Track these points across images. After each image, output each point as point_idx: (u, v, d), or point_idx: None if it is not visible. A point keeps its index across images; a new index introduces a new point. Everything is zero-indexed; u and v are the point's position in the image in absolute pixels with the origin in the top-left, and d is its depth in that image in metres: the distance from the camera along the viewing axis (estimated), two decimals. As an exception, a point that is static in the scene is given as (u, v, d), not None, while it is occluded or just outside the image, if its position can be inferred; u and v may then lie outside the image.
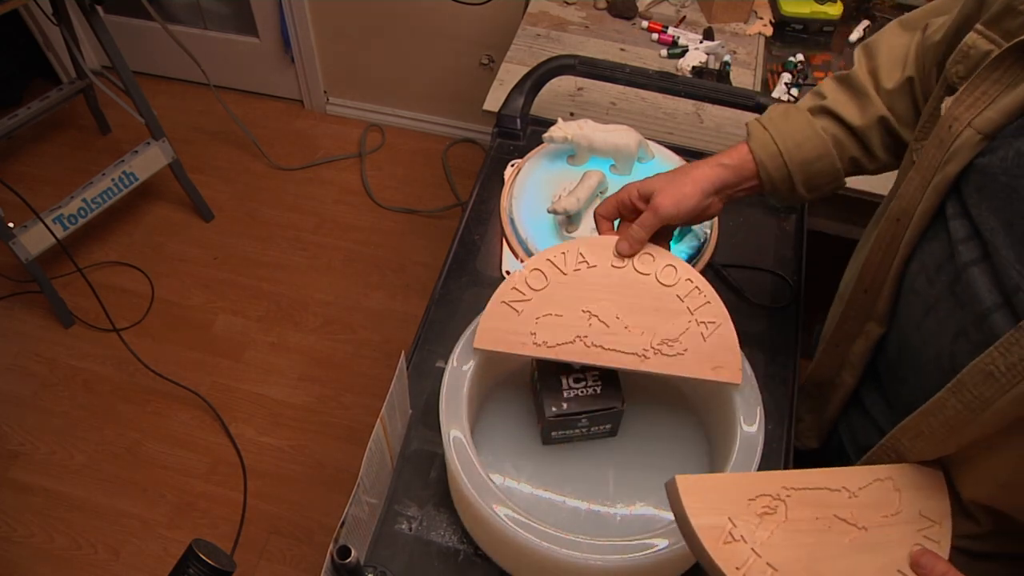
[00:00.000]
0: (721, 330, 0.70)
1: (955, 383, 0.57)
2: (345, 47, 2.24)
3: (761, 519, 0.58)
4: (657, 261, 0.73)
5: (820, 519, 0.59)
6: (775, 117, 0.78)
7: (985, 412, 0.55)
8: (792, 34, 1.41)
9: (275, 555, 1.61)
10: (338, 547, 0.55)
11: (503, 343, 0.69)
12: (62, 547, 1.61)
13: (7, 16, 1.61)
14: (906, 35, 0.75)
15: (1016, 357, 0.53)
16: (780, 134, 0.76)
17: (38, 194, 1.87)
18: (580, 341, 0.69)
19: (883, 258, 0.70)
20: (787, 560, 0.56)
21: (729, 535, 0.56)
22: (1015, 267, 0.54)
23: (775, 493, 0.59)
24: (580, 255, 0.73)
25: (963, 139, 0.59)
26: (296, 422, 1.80)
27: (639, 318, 0.70)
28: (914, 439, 0.62)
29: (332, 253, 2.11)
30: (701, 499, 0.57)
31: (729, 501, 0.58)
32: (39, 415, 1.79)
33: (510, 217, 0.96)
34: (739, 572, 0.55)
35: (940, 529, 0.60)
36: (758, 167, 0.76)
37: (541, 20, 1.43)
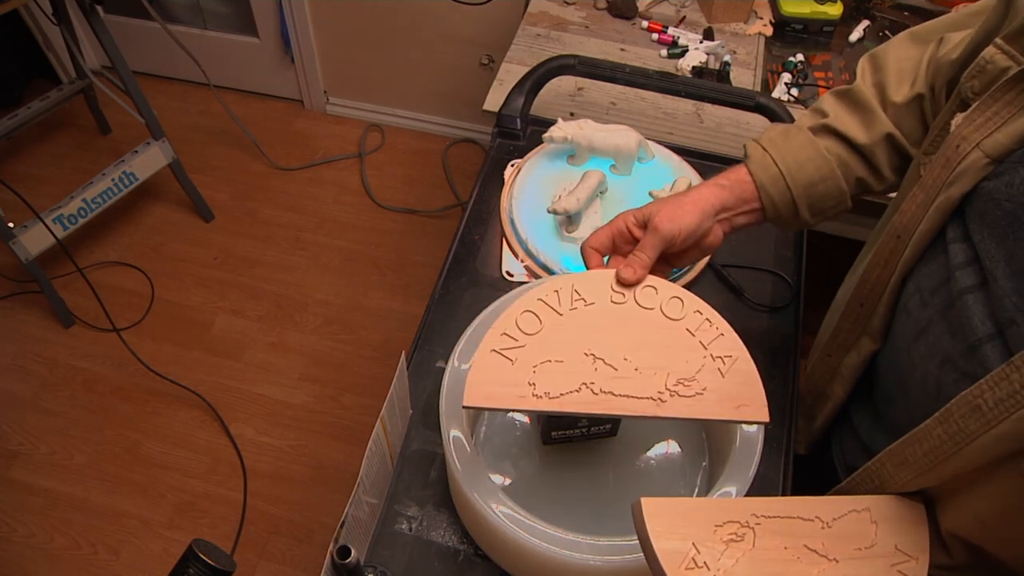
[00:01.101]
0: (739, 364, 0.64)
1: (942, 413, 0.55)
2: (345, 47, 2.24)
3: (727, 546, 0.56)
4: (661, 293, 0.66)
5: (789, 548, 0.57)
6: (774, 137, 0.74)
7: (969, 446, 0.53)
8: (792, 34, 1.40)
9: (275, 555, 1.61)
10: (338, 547, 0.55)
11: (498, 398, 0.61)
12: (62, 547, 1.61)
13: (7, 16, 1.61)
14: (917, 48, 0.72)
15: (1004, 392, 0.50)
16: (780, 155, 0.72)
17: (38, 194, 1.87)
18: (587, 388, 0.62)
19: (880, 273, 0.69)
20: None
21: (692, 561, 0.54)
22: (1011, 298, 0.52)
23: (744, 520, 0.57)
24: (575, 292, 0.65)
25: (970, 161, 0.57)
26: (296, 422, 1.80)
27: (649, 357, 0.63)
28: (898, 466, 0.60)
29: (332, 253, 2.11)
30: (666, 522, 0.55)
31: (695, 526, 0.56)
32: (39, 415, 1.79)
33: (510, 217, 0.96)
34: None
35: (916, 565, 0.57)
36: (759, 191, 0.72)
37: (541, 20, 1.43)
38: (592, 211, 0.95)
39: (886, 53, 0.74)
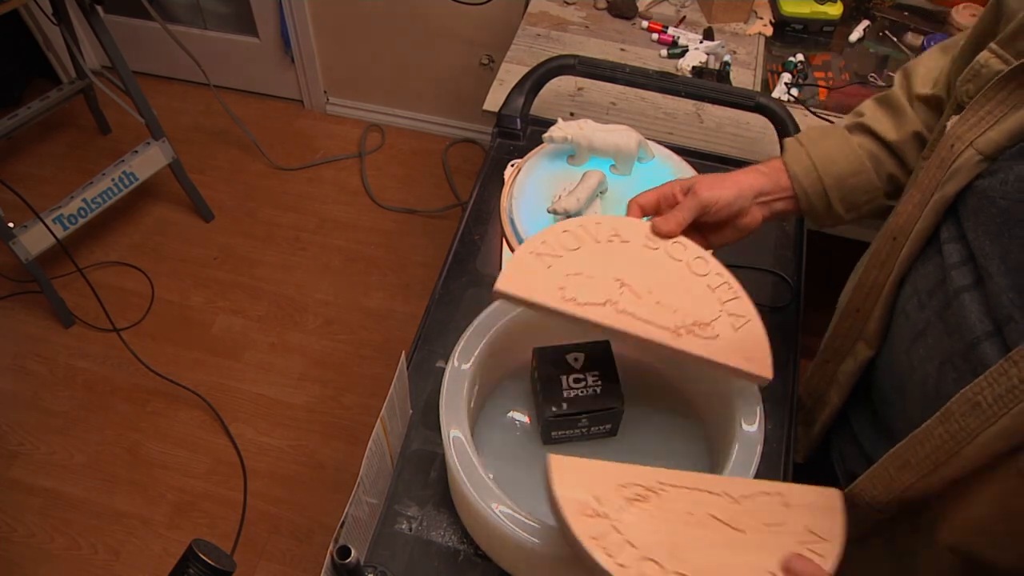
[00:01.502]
0: (751, 326, 0.68)
1: (943, 412, 0.55)
2: (345, 47, 2.24)
3: (629, 503, 0.57)
4: (689, 251, 0.72)
5: (693, 515, 0.58)
6: (812, 134, 0.78)
7: (969, 445, 0.53)
8: (792, 34, 1.40)
9: (275, 555, 1.61)
10: (338, 547, 0.55)
11: (528, 291, 0.65)
12: (62, 547, 1.61)
13: (7, 16, 1.61)
14: (944, 57, 0.75)
15: (1003, 388, 0.51)
16: (815, 149, 0.76)
17: (38, 194, 1.87)
18: (611, 305, 0.66)
19: (877, 276, 0.69)
20: (649, 543, 0.55)
21: (592, 510, 0.56)
22: (1007, 295, 0.53)
23: (649, 485, 0.59)
24: (614, 230, 0.71)
25: (963, 159, 0.58)
26: (296, 422, 1.80)
27: (671, 297, 0.68)
28: (900, 469, 0.60)
29: (332, 253, 2.11)
30: (571, 477, 0.57)
31: (599, 483, 0.58)
32: (39, 415, 1.79)
33: (510, 217, 0.96)
34: (595, 542, 0.54)
35: (828, 547, 0.57)
36: (792, 181, 0.76)
37: (541, 20, 1.43)
38: (592, 211, 0.94)
39: (918, 61, 0.78)
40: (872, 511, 0.65)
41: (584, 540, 0.55)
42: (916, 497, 0.61)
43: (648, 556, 0.55)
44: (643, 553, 0.55)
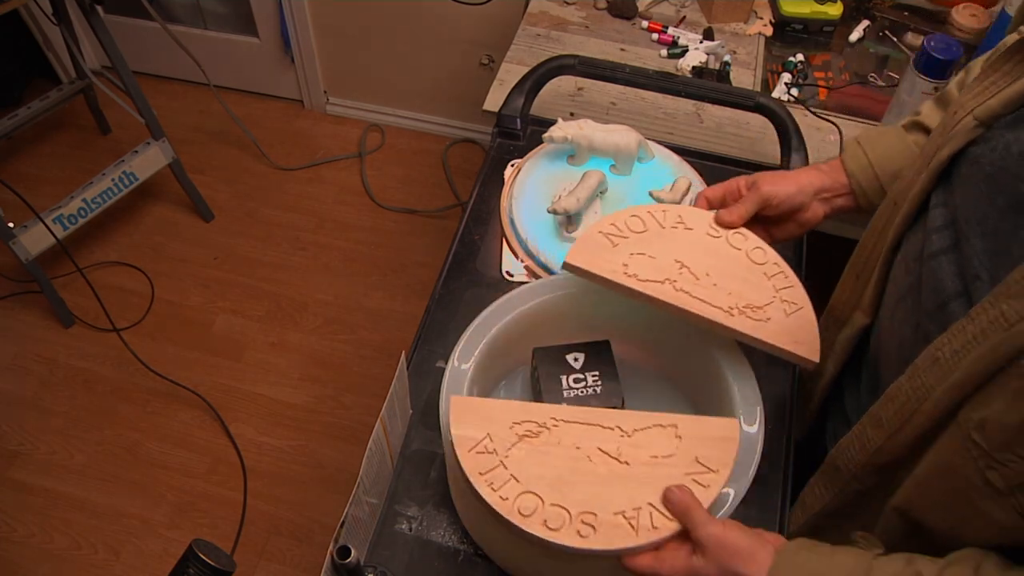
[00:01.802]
0: (803, 312, 0.72)
1: (910, 368, 0.58)
2: (345, 47, 2.24)
3: (520, 440, 0.61)
4: (749, 241, 0.76)
5: (582, 449, 0.61)
6: (871, 134, 0.81)
7: (928, 400, 0.56)
8: (792, 34, 1.40)
9: (275, 555, 1.61)
10: (338, 547, 0.55)
11: (594, 265, 0.71)
12: (62, 547, 1.61)
13: (7, 16, 1.61)
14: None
15: (960, 343, 0.53)
16: (872, 148, 0.79)
17: (38, 194, 1.87)
18: (670, 284, 0.71)
19: (877, 242, 0.71)
20: (532, 476, 0.59)
21: (483, 447, 0.61)
22: (979, 257, 0.55)
23: (542, 421, 0.62)
24: (679, 217, 0.76)
25: (961, 125, 0.60)
26: (296, 422, 1.80)
27: (727, 281, 0.72)
28: (875, 428, 0.63)
29: (332, 253, 2.11)
30: (467, 415, 0.62)
31: (494, 422, 0.62)
32: (39, 415, 1.79)
33: (510, 217, 0.96)
34: (482, 478, 0.59)
35: (714, 476, 0.60)
36: (849, 179, 0.79)
37: (541, 20, 1.43)
38: (592, 211, 0.95)
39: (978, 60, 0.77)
40: (851, 478, 0.67)
41: (471, 475, 0.59)
42: (886, 462, 0.63)
43: (529, 489, 0.59)
44: (525, 487, 0.59)
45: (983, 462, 0.52)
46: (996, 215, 0.54)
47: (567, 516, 0.58)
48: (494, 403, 0.64)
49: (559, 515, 0.58)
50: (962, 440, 0.54)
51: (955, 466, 0.55)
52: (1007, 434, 0.50)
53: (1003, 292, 0.51)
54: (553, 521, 0.58)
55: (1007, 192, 0.54)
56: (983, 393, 0.52)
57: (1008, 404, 0.50)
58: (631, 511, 0.58)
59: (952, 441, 0.55)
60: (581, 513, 0.58)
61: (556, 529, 0.58)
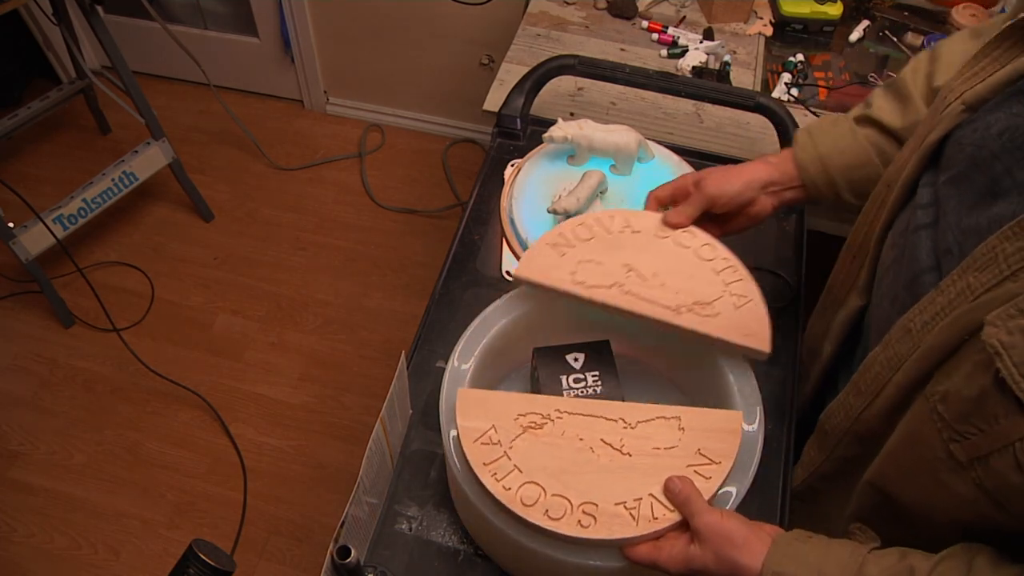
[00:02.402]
0: (753, 305, 0.72)
1: (885, 338, 0.60)
2: (345, 47, 2.24)
3: (524, 431, 0.62)
4: (697, 239, 0.76)
5: (585, 440, 0.62)
6: (823, 124, 0.81)
7: (899, 370, 0.57)
8: (792, 34, 1.40)
9: (275, 555, 1.61)
10: (338, 547, 0.55)
11: (543, 276, 0.72)
12: (62, 547, 1.61)
13: (7, 16, 1.61)
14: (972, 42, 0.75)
15: (929, 315, 0.55)
16: (823, 140, 0.79)
17: (38, 194, 1.87)
18: (618, 287, 0.72)
19: (871, 223, 0.72)
20: (535, 467, 0.61)
21: (487, 438, 0.62)
22: (953, 232, 0.56)
23: (546, 413, 0.64)
24: (626, 221, 0.77)
25: (950, 110, 0.61)
26: (296, 422, 1.80)
27: (676, 280, 0.73)
28: (856, 396, 0.64)
29: (332, 253, 2.11)
30: (473, 407, 0.63)
31: (498, 413, 0.63)
32: (39, 415, 1.79)
33: (510, 217, 0.96)
34: (486, 468, 0.60)
35: (716, 468, 0.61)
36: (800, 171, 0.79)
37: (541, 20, 1.43)
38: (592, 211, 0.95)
39: (944, 44, 0.78)
40: (837, 443, 0.69)
41: (476, 465, 0.60)
42: (864, 431, 0.65)
43: (532, 480, 0.60)
44: (527, 477, 0.60)
45: (946, 434, 0.53)
46: (973, 192, 0.56)
47: (568, 506, 0.59)
48: (499, 395, 0.65)
49: (560, 505, 0.59)
50: (928, 412, 0.55)
51: (922, 438, 0.56)
52: (967, 406, 0.51)
53: (970, 265, 0.52)
54: (554, 511, 0.59)
55: (984, 169, 0.55)
56: (947, 365, 0.54)
57: (968, 376, 0.51)
58: (632, 502, 0.59)
59: (920, 413, 0.56)
60: (582, 503, 0.59)
61: (557, 519, 0.58)
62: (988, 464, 0.50)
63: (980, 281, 0.51)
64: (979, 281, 0.51)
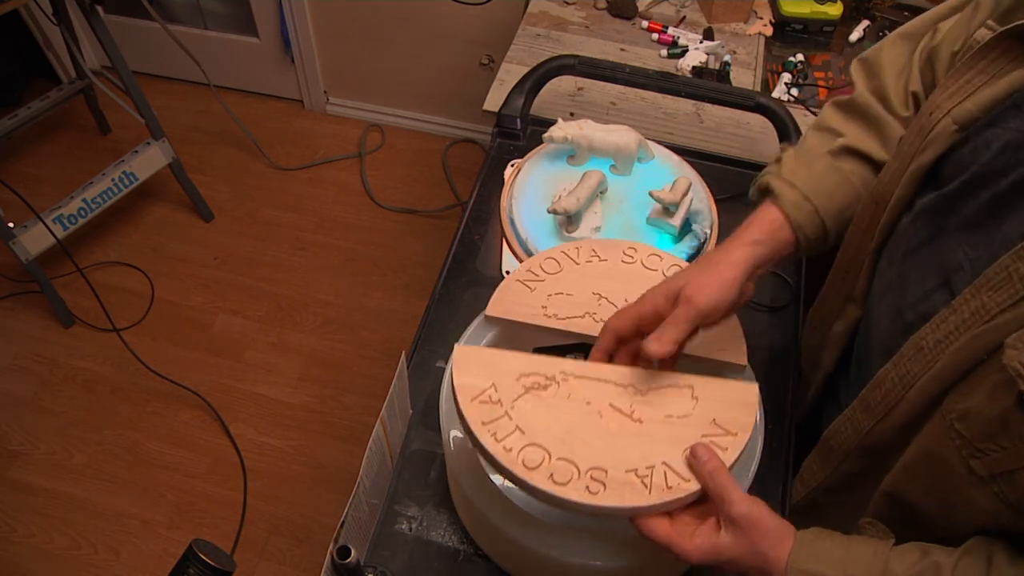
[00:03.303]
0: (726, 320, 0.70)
1: (896, 356, 0.59)
2: (345, 47, 2.24)
3: (528, 392, 0.60)
4: (664, 261, 0.75)
5: (592, 404, 0.60)
6: (797, 169, 0.70)
7: (912, 388, 0.57)
8: (792, 34, 1.40)
9: (275, 555, 1.61)
10: (338, 547, 0.55)
11: (514, 313, 0.71)
12: (62, 547, 1.61)
13: (7, 16, 1.61)
14: (907, 46, 0.73)
15: (942, 333, 0.54)
16: (810, 189, 0.69)
17: (38, 194, 1.87)
18: (590, 316, 0.71)
19: (861, 241, 0.70)
20: (539, 429, 0.58)
21: (487, 396, 0.59)
22: (963, 249, 0.55)
23: (551, 374, 0.61)
24: (593, 251, 0.77)
25: (940, 128, 0.60)
26: (296, 422, 1.80)
27: None
28: (864, 412, 0.63)
29: (332, 253, 2.11)
30: (472, 364, 0.60)
31: (500, 372, 0.60)
32: (39, 415, 1.79)
33: (510, 217, 0.96)
34: (485, 427, 0.57)
35: (733, 440, 0.58)
36: (796, 232, 0.69)
37: (541, 20, 1.43)
38: (592, 211, 0.95)
39: (879, 56, 0.74)
40: (843, 459, 0.68)
41: (474, 424, 0.57)
42: (875, 446, 0.64)
43: (535, 442, 0.57)
44: (530, 439, 0.57)
45: (966, 451, 0.53)
46: (977, 208, 0.55)
47: (575, 471, 0.56)
48: (501, 353, 0.62)
49: (566, 469, 0.56)
50: (946, 428, 0.54)
51: (939, 453, 0.55)
52: (989, 426, 0.51)
53: (984, 284, 0.51)
54: (560, 475, 0.55)
55: (989, 186, 0.55)
56: (965, 384, 0.53)
57: (988, 396, 0.51)
58: (644, 469, 0.56)
59: (936, 429, 0.56)
60: (590, 469, 0.56)
61: (563, 484, 0.55)
62: (1013, 479, 0.50)
63: (995, 301, 0.50)
64: (994, 301, 0.50)
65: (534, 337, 0.76)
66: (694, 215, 0.93)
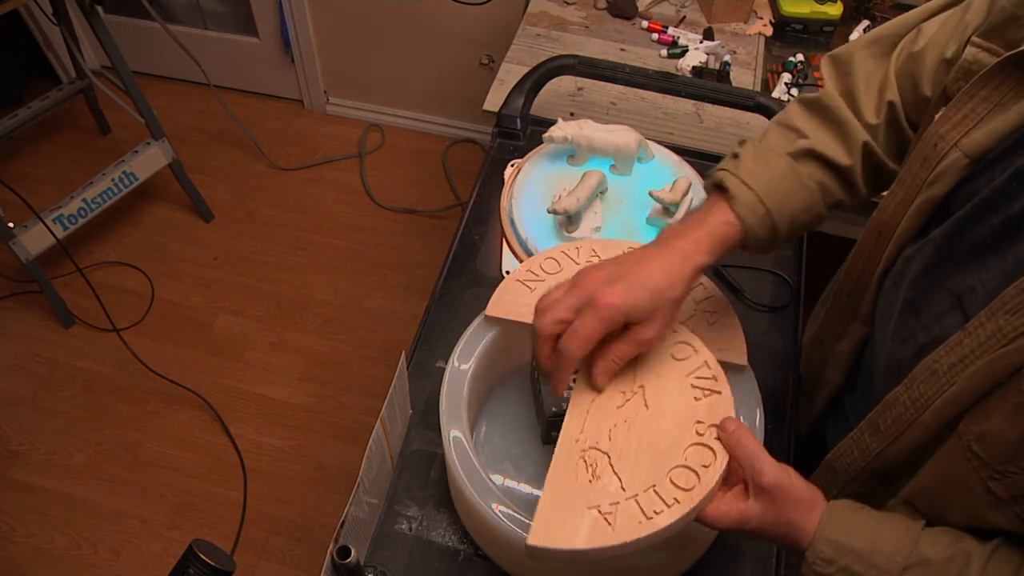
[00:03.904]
0: (725, 319, 0.72)
1: (908, 379, 0.58)
2: (345, 47, 2.24)
3: (593, 477, 0.60)
4: None
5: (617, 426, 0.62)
6: (754, 169, 0.66)
7: (927, 411, 0.56)
8: (792, 34, 1.40)
9: (275, 555, 1.61)
10: (338, 547, 0.55)
11: (514, 313, 0.72)
12: (62, 547, 1.61)
13: (7, 16, 1.61)
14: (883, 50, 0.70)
15: (957, 356, 0.53)
16: (766, 190, 0.65)
17: (38, 194, 1.87)
18: None
19: (864, 266, 0.70)
20: (632, 474, 0.58)
21: (603, 518, 0.57)
22: (978, 272, 0.55)
23: (578, 453, 0.61)
24: (593, 251, 0.77)
25: (949, 161, 0.58)
26: (296, 422, 1.80)
27: None
28: (872, 434, 0.63)
29: (332, 253, 2.11)
30: (555, 524, 0.57)
31: (568, 498, 0.59)
32: (39, 415, 1.79)
33: (510, 217, 0.96)
34: (641, 526, 0.55)
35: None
36: (746, 232, 0.65)
37: (541, 20, 1.43)
38: (592, 211, 0.95)
39: (851, 57, 0.71)
40: (849, 481, 0.67)
41: (633, 535, 0.54)
42: (884, 468, 0.63)
43: (628, 497, 0.57)
44: (642, 485, 0.57)
45: (984, 472, 0.52)
46: (988, 232, 0.54)
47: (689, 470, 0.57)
48: (544, 498, 0.59)
49: (684, 474, 0.57)
50: (963, 451, 0.54)
51: (957, 475, 0.55)
52: (1008, 448, 0.50)
53: (1000, 307, 0.51)
54: (685, 482, 0.56)
55: (999, 211, 0.54)
56: (982, 407, 0.52)
57: (1007, 419, 0.50)
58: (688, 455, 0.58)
59: (953, 451, 0.55)
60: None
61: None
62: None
63: (1012, 325, 0.50)
64: (1011, 325, 0.50)
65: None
66: (694, 215, 0.93)
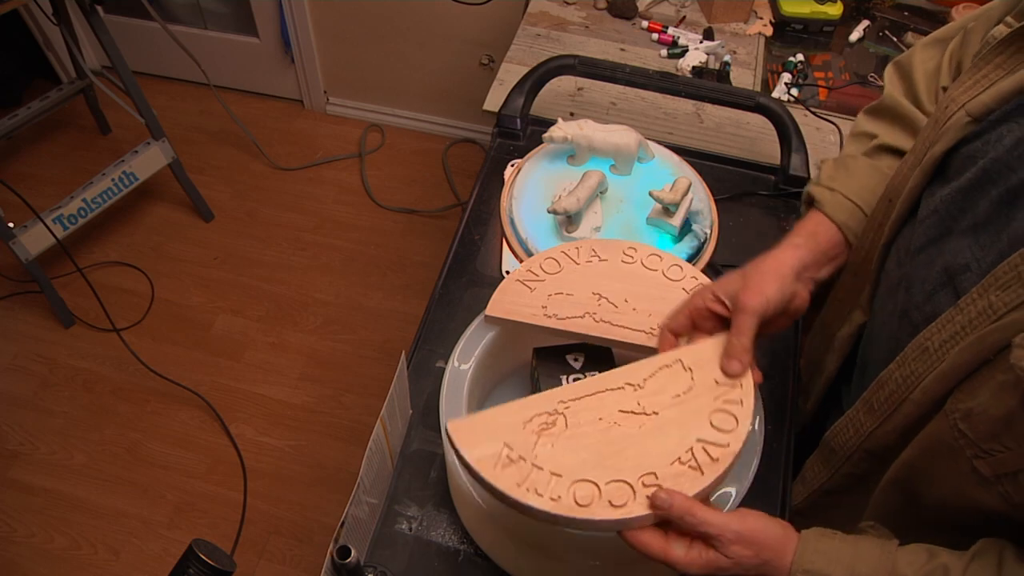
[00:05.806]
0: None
1: (900, 356, 0.59)
2: (345, 47, 2.24)
3: (539, 436, 0.58)
4: (664, 260, 0.75)
5: (604, 419, 0.59)
6: (835, 176, 0.73)
7: (917, 388, 0.57)
8: (792, 34, 1.40)
9: (275, 555, 1.61)
10: (338, 547, 0.55)
11: (514, 313, 0.71)
12: (62, 547, 1.61)
13: (7, 16, 1.61)
14: (938, 48, 0.74)
15: (948, 334, 0.54)
16: (850, 189, 0.72)
17: (38, 194, 1.87)
18: (590, 316, 0.71)
19: (873, 238, 0.70)
20: (572, 465, 0.56)
21: (506, 458, 0.57)
22: (971, 249, 0.55)
23: (551, 409, 0.60)
24: (593, 251, 0.77)
25: (953, 120, 0.59)
26: (296, 422, 1.80)
27: (646, 303, 0.72)
28: (867, 413, 0.63)
29: (332, 253, 2.11)
30: (473, 435, 0.58)
31: (503, 429, 0.59)
32: (39, 415, 1.79)
33: (510, 217, 0.96)
34: (520, 488, 0.55)
35: (739, 390, 0.59)
36: (842, 229, 0.71)
37: (541, 20, 1.43)
38: (592, 211, 0.95)
39: (911, 59, 0.75)
40: (845, 460, 0.68)
41: (510, 491, 0.55)
42: (877, 448, 0.64)
43: (578, 478, 0.56)
44: (571, 477, 0.56)
45: (970, 451, 0.53)
46: (987, 206, 0.55)
47: (628, 488, 0.55)
48: (493, 412, 0.60)
49: (621, 490, 0.55)
50: (949, 428, 0.54)
51: (942, 453, 0.55)
52: (993, 426, 0.51)
53: (992, 283, 0.51)
54: (617, 498, 0.54)
55: (999, 183, 0.54)
56: (969, 383, 0.53)
57: (993, 396, 0.50)
58: (686, 455, 0.56)
59: (939, 429, 0.56)
60: (641, 477, 0.55)
61: (623, 505, 0.54)
62: (1017, 479, 0.50)
63: (1003, 300, 0.50)
64: (1002, 300, 0.50)
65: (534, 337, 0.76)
66: (694, 215, 0.93)
